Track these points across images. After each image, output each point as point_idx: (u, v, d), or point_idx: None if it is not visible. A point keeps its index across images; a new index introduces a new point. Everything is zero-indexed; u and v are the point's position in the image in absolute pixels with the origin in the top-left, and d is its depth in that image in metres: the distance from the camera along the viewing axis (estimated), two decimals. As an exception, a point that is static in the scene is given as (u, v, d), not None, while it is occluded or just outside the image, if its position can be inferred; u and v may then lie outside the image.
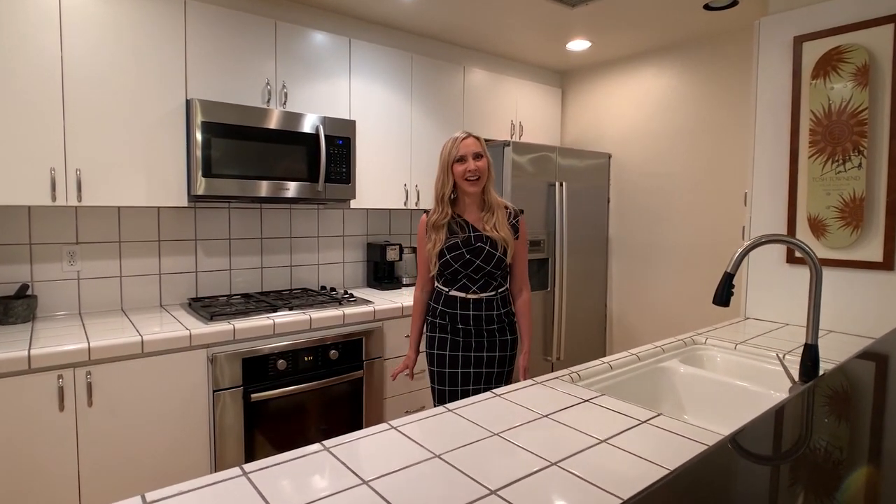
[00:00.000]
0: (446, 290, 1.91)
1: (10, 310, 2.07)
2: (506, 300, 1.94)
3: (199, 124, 2.21)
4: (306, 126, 2.50)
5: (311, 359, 2.33)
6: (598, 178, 3.68)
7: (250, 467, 0.94)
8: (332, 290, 2.94)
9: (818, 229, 2.10)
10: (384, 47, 2.92)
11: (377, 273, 3.15)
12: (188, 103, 2.26)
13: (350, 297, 2.71)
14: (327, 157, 2.56)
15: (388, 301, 2.71)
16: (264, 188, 2.39)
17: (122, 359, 1.90)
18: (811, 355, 1.29)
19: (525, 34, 3.28)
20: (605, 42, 3.40)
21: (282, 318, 2.27)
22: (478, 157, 1.85)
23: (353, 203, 2.78)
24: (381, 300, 2.72)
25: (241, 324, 2.15)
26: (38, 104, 1.96)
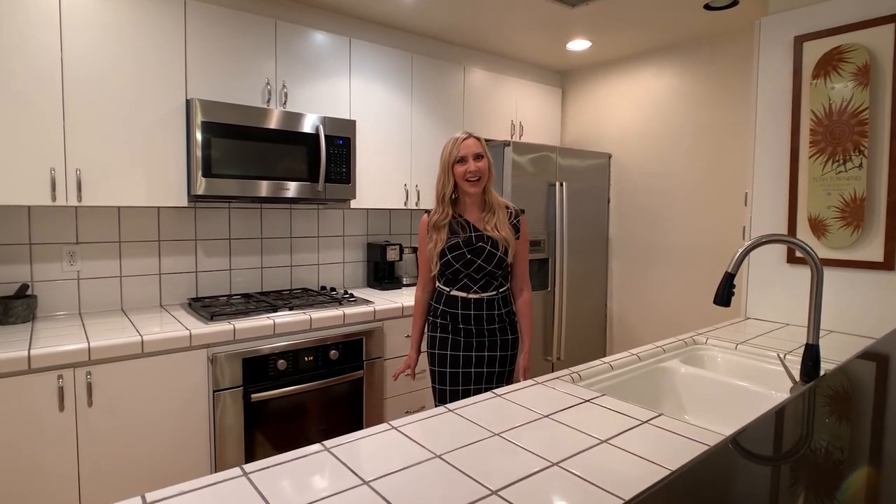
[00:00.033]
0: (447, 289, 1.91)
1: (10, 310, 2.07)
2: (507, 300, 1.94)
3: (199, 124, 2.21)
4: (306, 126, 2.50)
5: (311, 359, 2.33)
6: (598, 178, 3.68)
7: (251, 467, 0.93)
8: (333, 290, 2.94)
9: (819, 229, 2.10)
10: (384, 47, 2.92)
11: (377, 273, 3.15)
12: (188, 103, 2.25)
13: (350, 297, 2.70)
14: (327, 157, 2.56)
15: (389, 301, 2.71)
16: (264, 188, 2.39)
17: (122, 359, 1.89)
18: (812, 355, 1.29)
19: (525, 34, 3.28)
20: (605, 42, 3.39)
21: (282, 318, 2.27)
22: (478, 157, 1.85)
23: (353, 203, 2.77)
24: (381, 300, 2.72)
25: (241, 324, 2.15)
26: (38, 104, 1.95)
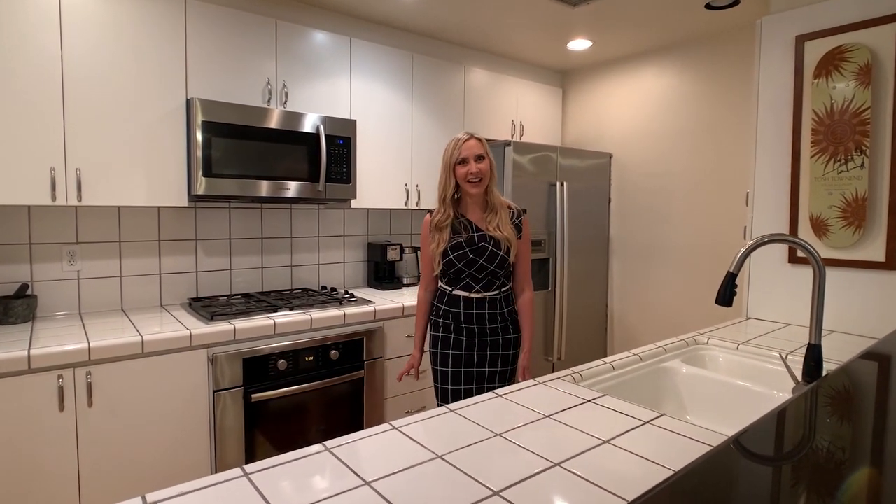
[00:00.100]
0: (450, 289, 1.92)
1: (10, 310, 2.07)
2: (509, 299, 1.94)
3: (199, 124, 2.21)
4: (307, 126, 2.50)
5: (311, 359, 2.32)
6: (599, 177, 3.68)
7: (251, 468, 0.93)
8: (333, 290, 2.93)
9: (820, 229, 2.09)
10: (385, 47, 2.91)
11: (378, 273, 3.14)
12: (188, 103, 2.25)
13: (351, 297, 2.70)
14: (328, 157, 2.55)
15: (389, 301, 2.70)
16: (265, 188, 2.38)
17: (123, 359, 1.89)
18: (814, 355, 1.28)
19: (526, 34, 3.27)
20: (606, 41, 3.39)
21: (282, 318, 2.27)
22: (479, 158, 1.85)
23: (353, 203, 2.77)
24: (381, 300, 2.72)
25: (241, 324, 2.15)
26: (38, 104, 1.95)
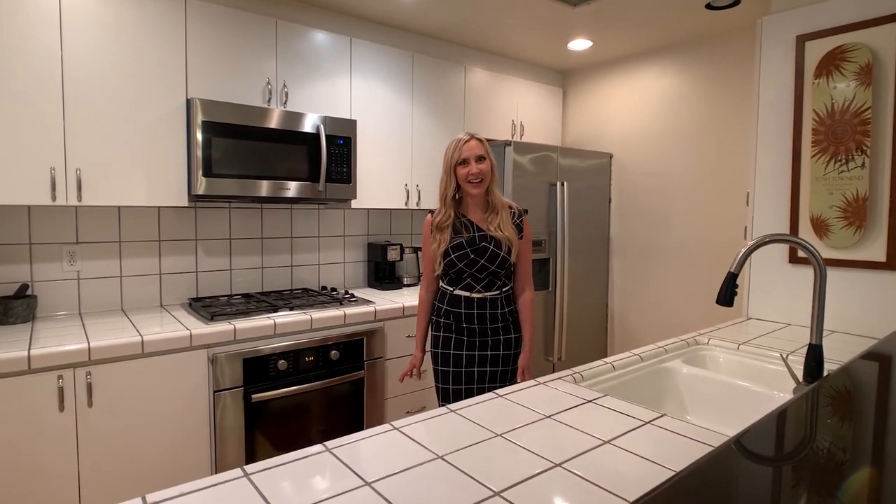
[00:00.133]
0: (451, 289, 1.92)
1: (10, 310, 2.07)
2: (510, 299, 1.94)
3: (199, 124, 2.20)
4: (307, 126, 2.49)
5: (311, 359, 2.32)
6: (599, 177, 3.67)
7: (252, 468, 0.93)
8: (333, 290, 2.93)
9: (821, 229, 2.09)
10: (385, 46, 2.91)
11: (378, 273, 3.14)
12: (189, 102, 2.25)
13: (351, 297, 2.70)
14: (328, 157, 2.55)
15: (389, 301, 2.70)
16: (265, 188, 2.38)
17: (123, 359, 1.89)
18: (815, 356, 1.28)
19: (526, 33, 3.27)
20: (606, 41, 3.39)
21: (282, 318, 2.27)
22: (480, 159, 1.85)
23: (353, 203, 2.77)
24: (382, 300, 2.72)
25: (241, 324, 2.15)
26: (38, 103, 1.95)
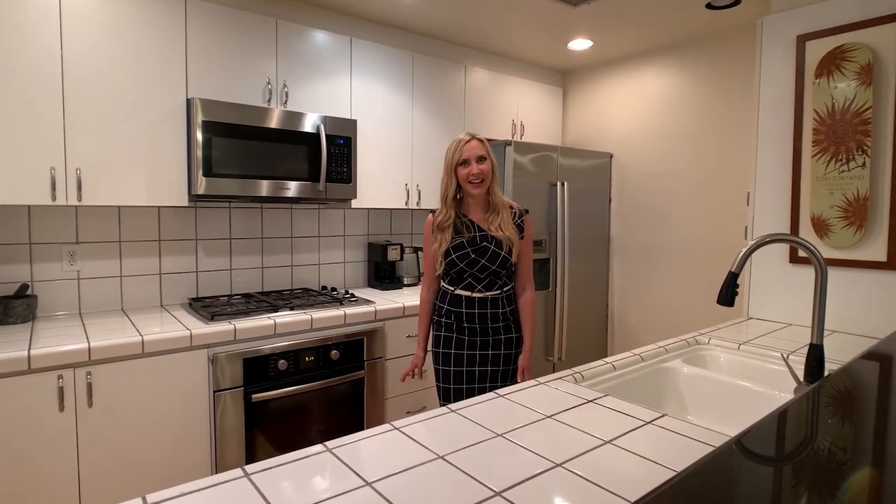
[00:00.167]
0: (452, 289, 1.92)
1: (10, 310, 2.06)
2: (511, 299, 1.95)
3: (199, 123, 2.20)
4: (307, 125, 2.49)
5: (312, 359, 2.32)
6: (599, 177, 3.67)
7: (252, 468, 0.93)
8: (333, 290, 2.93)
9: (821, 229, 2.09)
10: (385, 46, 2.91)
11: (378, 273, 3.14)
12: (189, 102, 2.25)
13: (351, 297, 2.70)
14: (328, 157, 2.55)
15: (390, 301, 2.70)
16: (265, 188, 2.38)
17: (123, 359, 1.89)
18: (816, 355, 1.28)
19: (526, 33, 3.27)
20: (606, 41, 3.39)
21: (283, 318, 2.26)
22: (481, 160, 1.86)
23: (354, 203, 2.77)
24: (382, 300, 2.72)
25: (241, 324, 2.15)
26: (38, 103, 1.95)
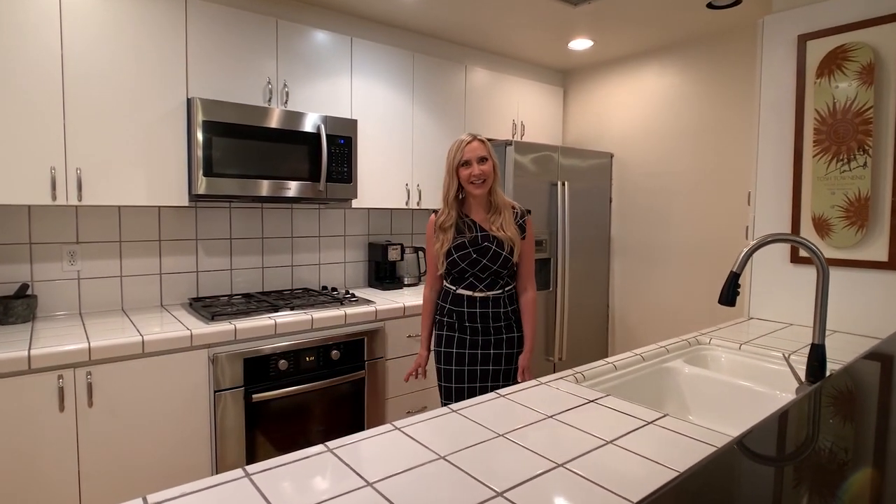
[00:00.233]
0: (454, 288, 1.93)
1: (10, 310, 2.06)
2: (513, 298, 1.95)
3: (200, 123, 2.20)
4: (308, 125, 2.49)
5: (312, 359, 2.32)
6: (600, 177, 3.67)
7: (253, 469, 0.92)
8: (334, 290, 2.93)
9: (823, 229, 2.09)
10: (386, 46, 2.91)
11: (378, 273, 3.14)
12: (189, 102, 2.25)
13: (351, 297, 2.69)
14: (329, 157, 2.55)
15: (390, 301, 2.70)
16: (265, 187, 2.38)
17: (123, 359, 1.89)
18: (818, 355, 1.27)
19: (527, 33, 3.27)
20: (607, 41, 3.38)
21: (283, 318, 2.26)
22: (482, 160, 1.86)
23: (354, 203, 2.76)
24: (382, 300, 2.71)
25: (242, 324, 2.14)
26: (38, 103, 1.95)
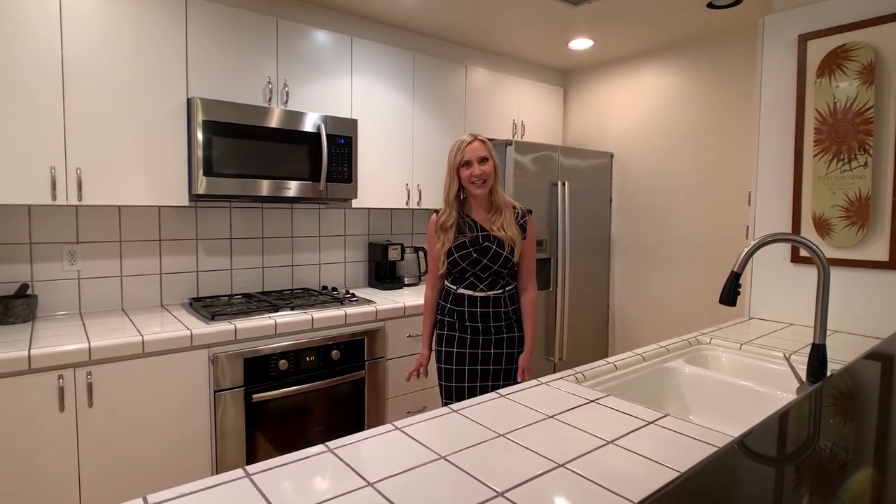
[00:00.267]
0: (454, 288, 1.94)
1: (10, 309, 2.06)
2: (513, 298, 1.96)
3: (200, 123, 2.20)
4: (308, 125, 2.49)
5: (312, 359, 2.31)
6: (600, 177, 3.67)
7: (253, 469, 0.92)
8: (334, 289, 2.93)
9: (823, 229, 2.09)
10: (386, 46, 2.91)
11: (379, 273, 3.14)
12: (189, 102, 2.24)
13: (352, 296, 2.69)
14: (329, 157, 2.54)
15: (390, 301, 2.69)
16: (265, 187, 2.38)
17: (123, 359, 1.88)
18: (819, 355, 1.27)
19: (527, 33, 3.26)
20: (607, 41, 3.38)
21: (283, 318, 2.26)
22: (483, 160, 1.87)
23: (354, 202, 2.76)
24: (382, 300, 2.71)
25: (242, 324, 2.14)
26: (38, 102, 1.94)
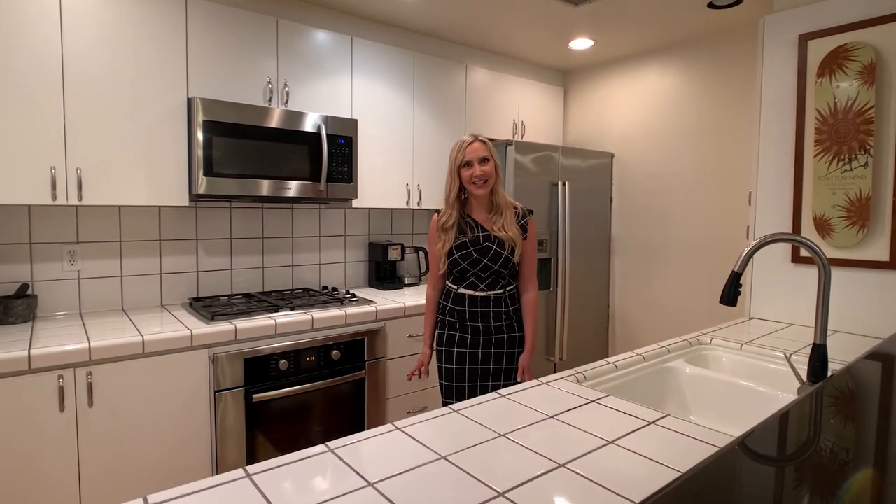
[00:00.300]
0: (455, 287, 1.94)
1: (10, 309, 2.06)
2: (514, 298, 1.96)
3: (200, 123, 2.20)
4: (308, 125, 2.49)
5: (312, 359, 2.31)
6: (600, 177, 3.67)
7: (253, 469, 0.92)
8: (334, 290, 2.92)
9: (824, 229, 2.08)
10: (386, 46, 2.91)
11: (379, 273, 3.13)
12: (189, 101, 2.24)
13: (352, 297, 2.69)
14: (329, 157, 2.54)
15: (391, 301, 2.69)
16: (266, 187, 2.38)
17: (123, 359, 1.88)
18: (819, 355, 1.27)
19: (527, 33, 3.26)
20: (607, 41, 3.38)
21: (283, 318, 2.26)
22: (484, 161, 1.87)
23: (354, 202, 2.76)
24: (383, 300, 2.71)
25: (242, 324, 2.14)
26: (38, 102, 1.94)
